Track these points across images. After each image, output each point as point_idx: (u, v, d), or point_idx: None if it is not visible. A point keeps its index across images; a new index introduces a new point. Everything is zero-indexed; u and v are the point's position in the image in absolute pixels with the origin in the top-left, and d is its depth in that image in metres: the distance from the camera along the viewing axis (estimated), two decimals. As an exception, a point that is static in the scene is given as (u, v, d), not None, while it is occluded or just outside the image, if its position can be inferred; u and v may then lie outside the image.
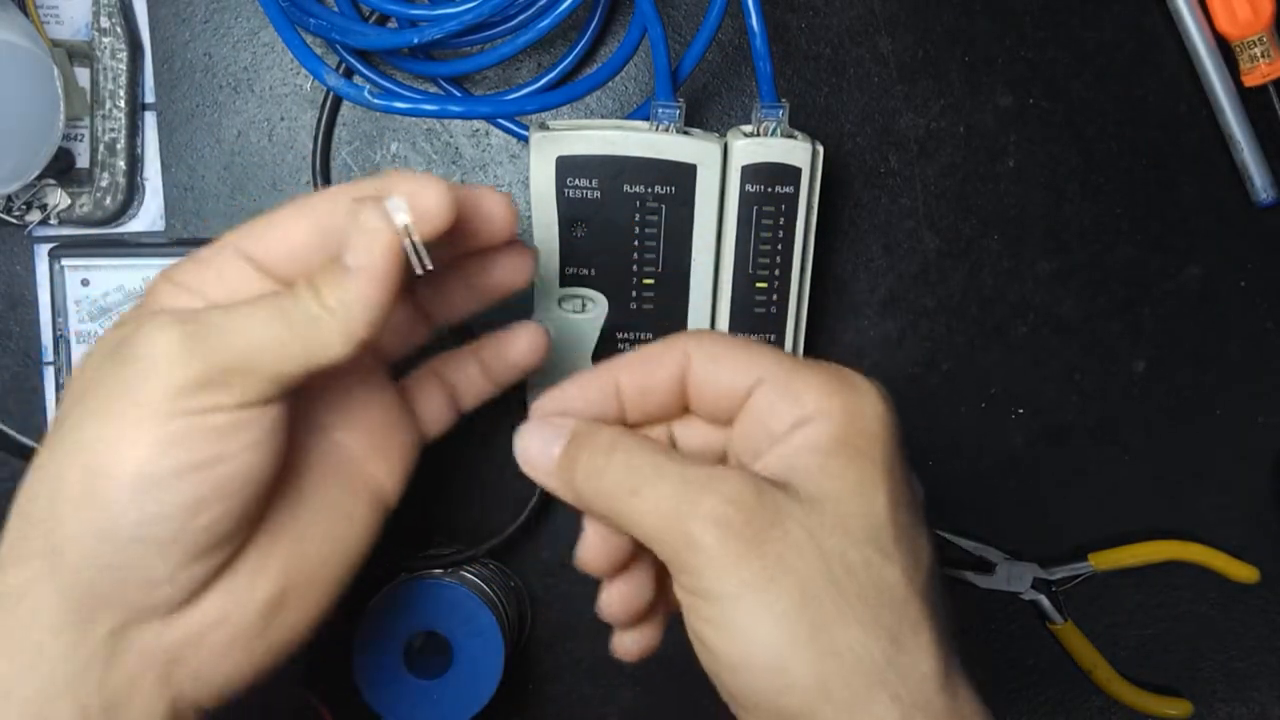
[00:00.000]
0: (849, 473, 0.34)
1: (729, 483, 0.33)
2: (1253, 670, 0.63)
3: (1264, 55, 0.55)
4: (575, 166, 0.49)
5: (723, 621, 0.33)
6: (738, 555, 0.32)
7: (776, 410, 0.35)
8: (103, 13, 0.53)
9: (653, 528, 0.34)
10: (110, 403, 0.33)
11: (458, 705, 0.53)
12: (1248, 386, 0.60)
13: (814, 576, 0.32)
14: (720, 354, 0.36)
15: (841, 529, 0.33)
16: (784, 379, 0.35)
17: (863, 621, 0.32)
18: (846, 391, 0.35)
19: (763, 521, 0.32)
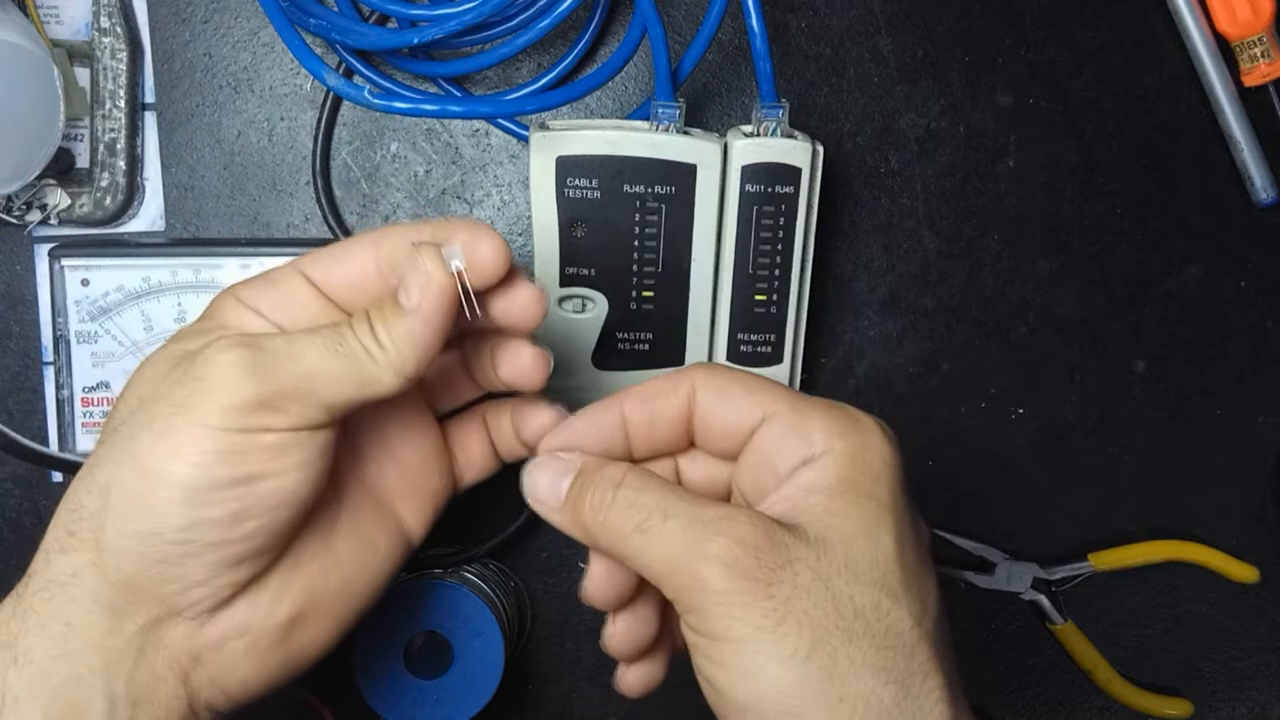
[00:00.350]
0: (855, 514, 0.34)
1: (738, 524, 0.33)
2: (1253, 670, 0.63)
3: (1264, 55, 0.55)
4: (575, 166, 0.49)
5: (731, 663, 0.32)
6: (747, 597, 0.32)
7: (782, 448, 0.36)
8: (103, 13, 0.53)
9: (660, 567, 0.34)
10: (169, 415, 0.34)
11: (458, 705, 0.53)
12: (1248, 386, 0.60)
13: (824, 620, 0.32)
14: (727, 389, 0.37)
15: (850, 572, 0.33)
16: (790, 417, 0.36)
17: (873, 667, 0.32)
18: (852, 431, 0.35)
19: (772, 563, 0.32)
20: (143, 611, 0.35)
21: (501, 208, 0.57)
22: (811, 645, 0.32)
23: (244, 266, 0.53)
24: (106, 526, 0.35)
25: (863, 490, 0.34)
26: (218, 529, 0.34)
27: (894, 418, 0.59)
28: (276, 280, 0.39)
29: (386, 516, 0.42)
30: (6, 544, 0.58)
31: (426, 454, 0.43)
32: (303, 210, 0.57)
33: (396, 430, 0.42)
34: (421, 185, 0.57)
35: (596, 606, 0.39)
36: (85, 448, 0.54)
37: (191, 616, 0.36)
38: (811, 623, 0.32)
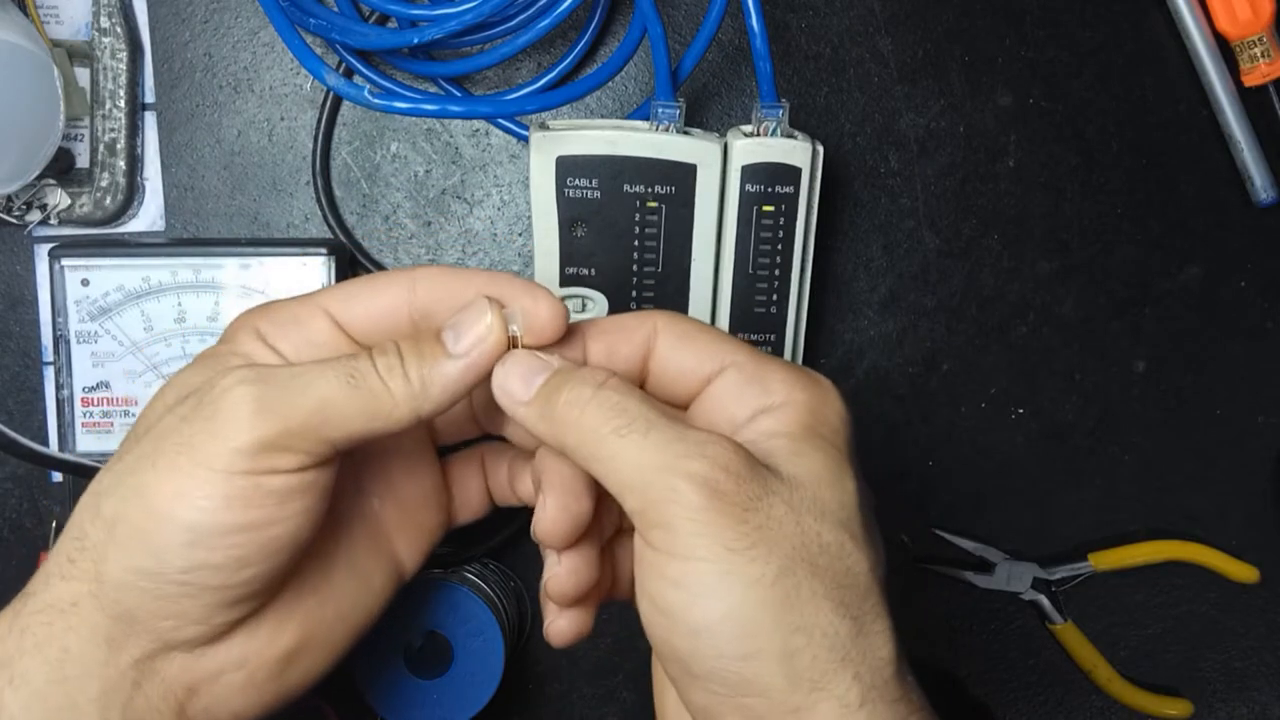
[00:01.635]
0: (820, 458, 0.35)
1: (723, 447, 0.33)
2: (1253, 670, 0.63)
3: (1264, 55, 0.55)
4: (575, 166, 0.49)
5: (692, 583, 0.32)
6: (722, 519, 0.32)
7: (741, 396, 0.36)
8: (103, 13, 0.53)
9: (633, 474, 0.34)
10: (178, 454, 0.34)
11: (458, 705, 0.53)
12: (1248, 386, 0.60)
13: (792, 552, 0.33)
14: (690, 334, 0.37)
15: (819, 510, 0.34)
16: (750, 367, 0.36)
17: (833, 601, 0.33)
18: (812, 386, 0.36)
19: (751, 492, 0.33)
20: (140, 644, 0.35)
21: (501, 208, 0.57)
22: (778, 572, 0.32)
23: (244, 266, 0.53)
24: (109, 559, 0.34)
25: (825, 439, 0.35)
26: (219, 574, 0.34)
27: (894, 418, 0.59)
28: (301, 317, 0.38)
29: (383, 551, 0.41)
30: (6, 544, 0.58)
31: (427, 491, 0.43)
32: (303, 210, 0.57)
33: (401, 465, 0.42)
34: (421, 185, 0.57)
35: (545, 542, 0.38)
36: (85, 448, 0.54)
37: (188, 650, 0.36)
38: (780, 552, 0.32)
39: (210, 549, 0.34)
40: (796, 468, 0.34)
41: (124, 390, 0.54)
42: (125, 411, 0.54)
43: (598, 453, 0.34)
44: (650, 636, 0.35)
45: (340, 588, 0.39)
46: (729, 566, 0.32)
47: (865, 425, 0.59)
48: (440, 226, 0.57)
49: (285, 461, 0.34)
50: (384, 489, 0.42)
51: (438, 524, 0.43)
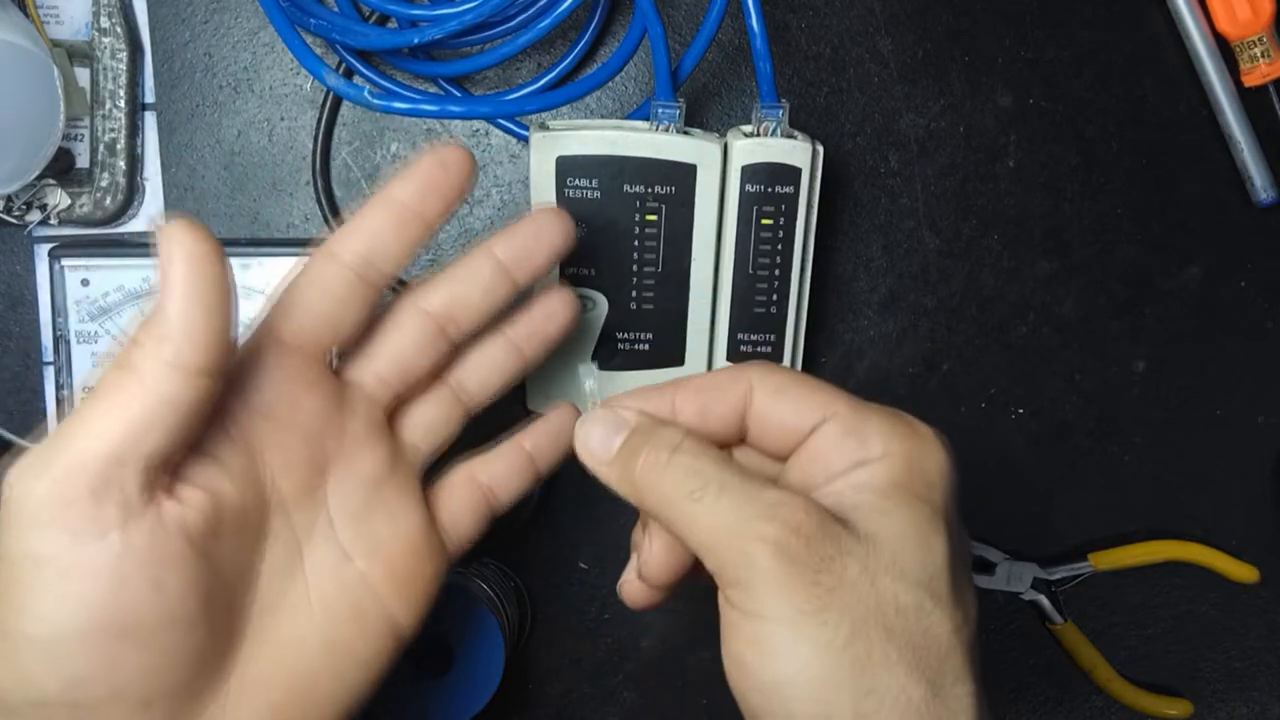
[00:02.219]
0: (908, 515, 0.34)
1: (795, 509, 0.33)
2: (1253, 670, 0.63)
3: (1264, 55, 0.55)
4: (575, 166, 0.49)
5: (766, 642, 0.32)
6: (794, 581, 0.32)
7: (839, 449, 0.35)
8: (103, 13, 0.53)
9: (709, 538, 0.34)
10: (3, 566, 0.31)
11: (458, 705, 0.53)
12: (1248, 386, 0.60)
13: (865, 614, 0.32)
14: (786, 388, 0.37)
15: (897, 571, 0.33)
16: (849, 419, 0.35)
17: (906, 665, 0.32)
18: (911, 437, 0.35)
19: (823, 552, 0.32)
20: None
21: (501, 208, 0.57)
22: (850, 635, 0.32)
23: (244, 266, 0.53)
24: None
25: (917, 494, 0.34)
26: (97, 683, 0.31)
27: (894, 418, 0.59)
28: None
29: (374, 621, 0.38)
30: (6, 544, 0.58)
31: (415, 538, 0.40)
32: (303, 210, 0.57)
33: (381, 518, 0.39)
34: (421, 185, 0.57)
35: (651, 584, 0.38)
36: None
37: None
38: (853, 615, 0.32)
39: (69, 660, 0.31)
40: (880, 525, 0.34)
41: (124, 390, 0.54)
42: (125, 411, 0.54)
43: (676, 515, 0.35)
44: (731, 687, 0.34)
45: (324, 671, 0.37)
46: (801, 628, 0.32)
47: (865, 425, 0.59)
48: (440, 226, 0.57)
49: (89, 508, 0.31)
50: (368, 548, 0.39)
51: (435, 573, 0.41)
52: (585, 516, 0.60)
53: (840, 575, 0.32)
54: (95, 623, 0.31)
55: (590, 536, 0.60)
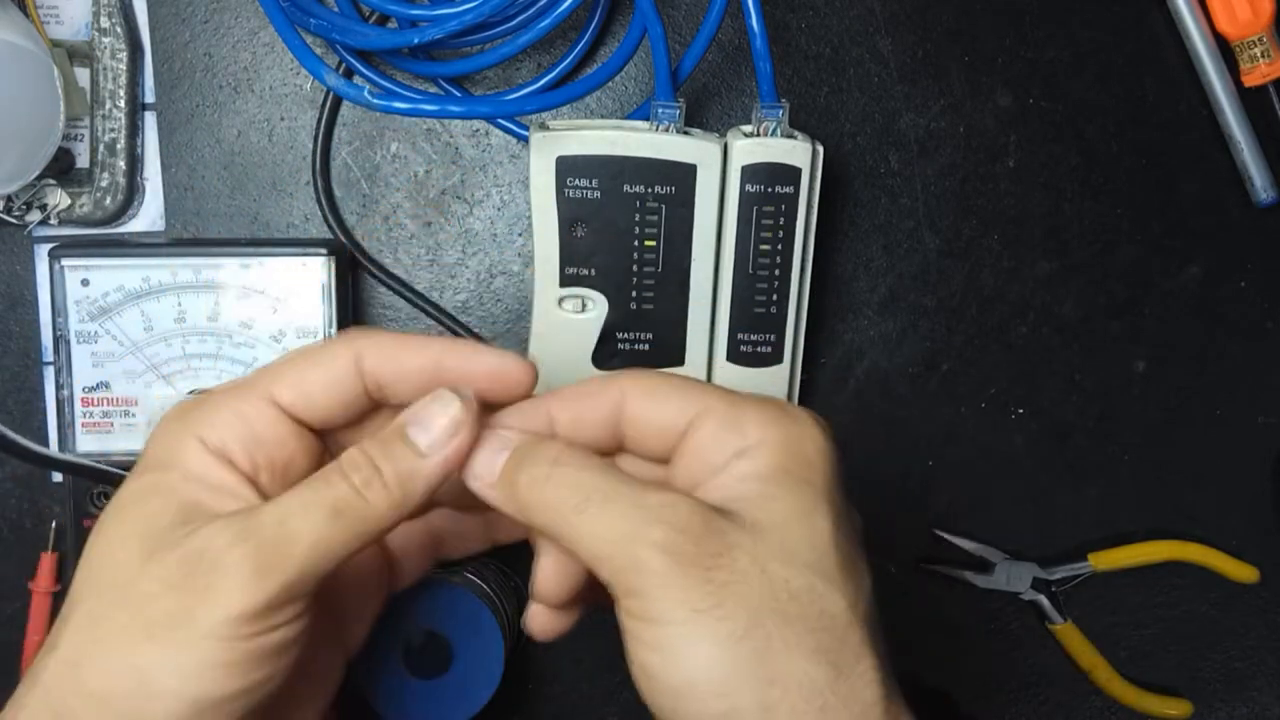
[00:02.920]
0: (790, 499, 0.34)
1: (679, 510, 0.33)
2: (1253, 670, 0.63)
3: (1264, 55, 0.55)
4: (575, 166, 0.49)
5: (666, 647, 0.32)
6: (685, 581, 0.32)
7: (718, 441, 0.35)
8: (103, 13, 0.53)
9: (598, 548, 0.34)
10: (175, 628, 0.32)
11: (458, 705, 0.53)
12: (1248, 386, 0.60)
13: (760, 604, 0.32)
14: (657, 390, 0.36)
15: (785, 556, 0.33)
16: (724, 411, 0.35)
17: (806, 649, 0.32)
18: (786, 422, 0.35)
19: (711, 548, 0.32)
20: None
21: (501, 208, 0.57)
22: (746, 627, 0.32)
23: (244, 266, 0.53)
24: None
25: (798, 476, 0.34)
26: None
27: (894, 418, 0.59)
28: (243, 414, 0.35)
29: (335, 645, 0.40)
30: (6, 544, 0.58)
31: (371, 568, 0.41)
32: (303, 210, 0.57)
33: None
34: (421, 185, 0.57)
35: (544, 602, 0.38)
36: (85, 448, 0.54)
37: None
38: (747, 606, 0.32)
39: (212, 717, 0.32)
40: (764, 512, 0.34)
41: (124, 390, 0.54)
42: (125, 411, 0.54)
43: (563, 529, 0.34)
44: (641, 696, 0.34)
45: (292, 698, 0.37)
46: (697, 627, 0.32)
47: (865, 425, 0.59)
48: (440, 226, 0.57)
49: (286, 614, 0.33)
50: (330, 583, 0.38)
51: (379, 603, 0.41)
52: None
53: (730, 569, 0.32)
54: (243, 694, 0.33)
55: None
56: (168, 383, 0.54)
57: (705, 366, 0.53)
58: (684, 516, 0.33)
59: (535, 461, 0.35)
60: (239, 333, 0.54)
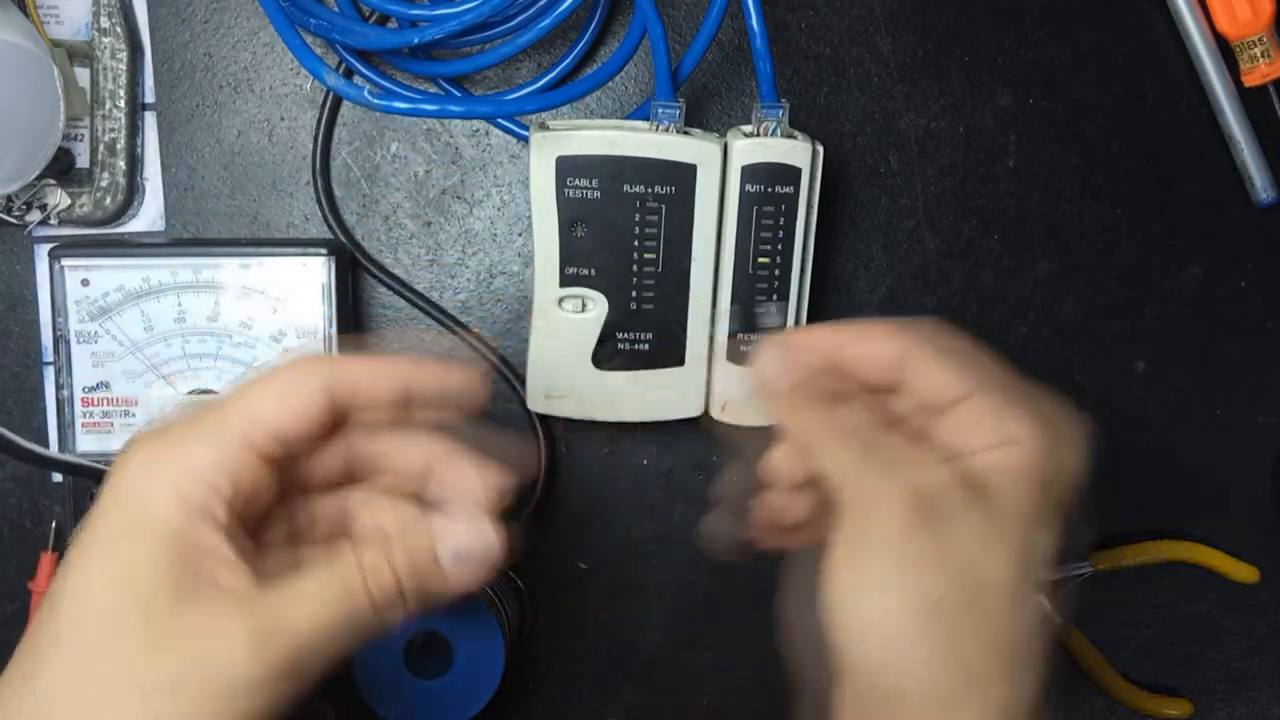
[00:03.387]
0: (1031, 503, 0.36)
1: (932, 471, 0.35)
2: (1253, 670, 0.63)
3: (1264, 55, 0.55)
4: (575, 166, 0.49)
5: (863, 585, 0.35)
6: (901, 538, 0.34)
7: (983, 425, 0.37)
8: (103, 13, 0.53)
9: (846, 477, 0.36)
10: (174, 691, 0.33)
11: (458, 705, 0.53)
12: (1248, 386, 0.60)
13: (962, 581, 0.34)
14: (944, 355, 0.38)
15: (1006, 550, 0.35)
16: (998, 399, 0.37)
17: (984, 641, 0.34)
18: (1054, 427, 0.37)
19: (946, 514, 0.35)
20: None
21: (501, 208, 0.57)
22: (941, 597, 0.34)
23: (244, 266, 0.53)
24: None
25: (1047, 486, 0.36)
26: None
27: (894, 418, 0.59)
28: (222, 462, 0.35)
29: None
30: (7, 544, 0.58)
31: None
32: (303, 210, 0.57)
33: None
34: (421, 185, 0.57)
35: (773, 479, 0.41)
36: (85, 448, 0.54)
37: None
38: (950, 579, 0.34)
39: None
40: (1002, 505, 0.35)
41: (124, 390, 0.54)
42: (125, 411, 0.54)
43: (822, 452, 0.37)
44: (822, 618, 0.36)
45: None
46: (896, 581, 0.34)
47: (865, 425, 0.59)
48: (440, 226, 0.57)
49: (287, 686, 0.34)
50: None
51: None
52: (585, 516, 0.60)
53: (948, 543, 0.34)
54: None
55: (590, 536, 0.60)
56: (168, 383, 0.54)
57: (705, 367, 0.53)
58: (935, 478, 0.35)
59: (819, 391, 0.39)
60: (239, 333, 0.54)
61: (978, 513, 0.35)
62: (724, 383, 0.53)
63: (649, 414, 0.54)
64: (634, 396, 0.53)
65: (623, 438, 0.59)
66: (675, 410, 0.54)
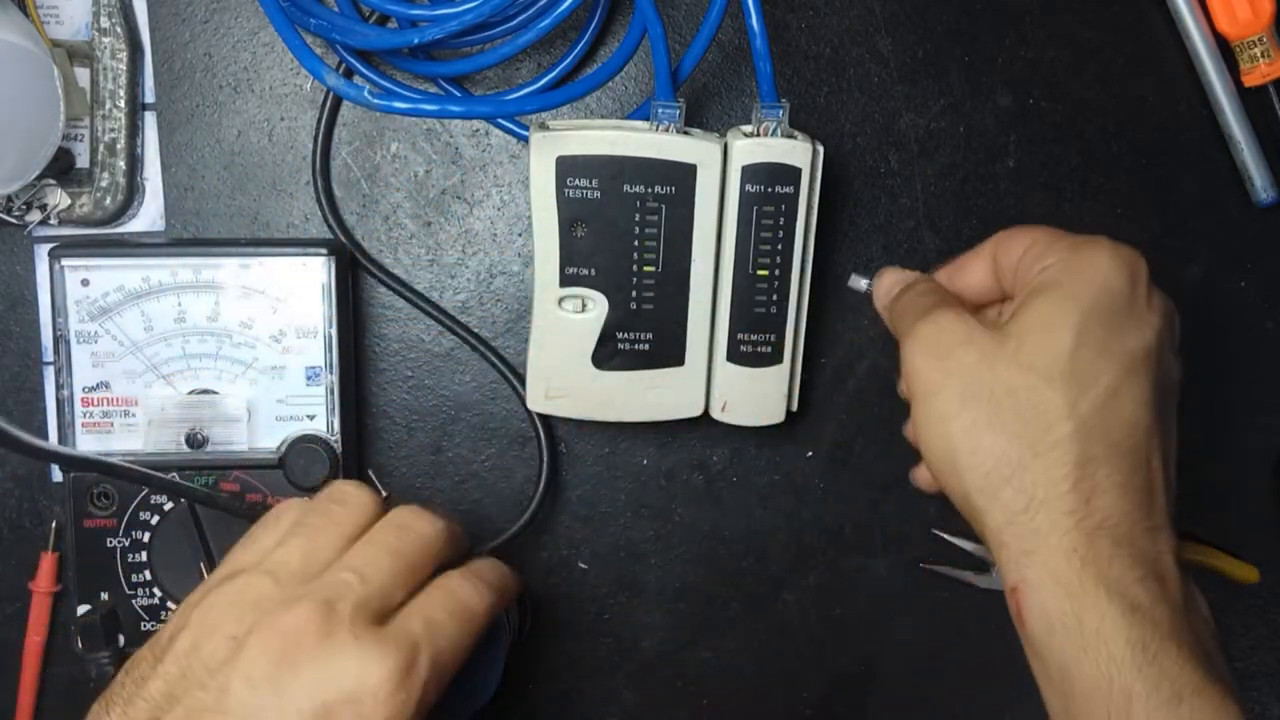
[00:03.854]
0: (1045, 312, 0.42)
1: (942, 315, 0.45)
2: (1253, 670, 0.63)
3: (1264, 55, 0.55)
4: (575, 166, 0.49)
5: (916, 412, 0.44)
6: (926, 365, 0.44)
7: (1029, 261, 0.44)
8: (103, 13, 0.53)
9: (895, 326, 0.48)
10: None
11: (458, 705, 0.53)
12: (1248, 386, 0.60)
13: (976, 392, 0.42)
14: (1011, 236, 0.46)
15: (1012, 358, 0.42)
16: (1046, 240, 0.45)
17: (1009, 432, 0.41)
18: (1082, 248, 0.43)
19: (951, 344, 0.43)
20: None
21: (501, 208, 0.57)
22: (959, 407, 0.42)
23: (244, 266, 0.53)
24: None
25: (1066, 291, 0.42)
26: None
27: (894, 419, 0.59)
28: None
29: None
30: (6, 544, 0.58)
31: None
32: (303, 210, 0.57)
33: None
34: (421, 185, 0.57)
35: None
36: (85, 448, 0.54)
37: None
38: (963, 392, 0.42)
39: None
40: (1017, 322, 0.43)
41: (124, 390, 0.54)
42: (125, 411, 0.54)
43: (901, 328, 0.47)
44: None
45: None
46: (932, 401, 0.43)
47: (865, 425, 0.59)
48: (440, 226, 0.57)
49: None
50: None
51: None
52: (585, 517, 0.60)
53: (959, 362, 0.43)
54: None
55: (590, 536, 0.60)
56: (168, 383, 0.54)
57: (705, 367, 0.53)
58: (945, 320, 0.44)
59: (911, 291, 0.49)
60: (239, 333, 0.54)
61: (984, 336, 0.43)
62: (723, 383, 0.53)
63: (649, 414, 0.54)
64: (634, 396, 0.53)
65: (623, 438, 0.59)
66: (675, 410, 0.54)
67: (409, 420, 0.59)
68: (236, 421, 0.54)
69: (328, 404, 0.54)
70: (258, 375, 0.54)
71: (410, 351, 0.58)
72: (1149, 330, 0.44)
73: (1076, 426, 0.41)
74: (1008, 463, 0.41)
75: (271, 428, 0.54)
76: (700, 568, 0.60)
